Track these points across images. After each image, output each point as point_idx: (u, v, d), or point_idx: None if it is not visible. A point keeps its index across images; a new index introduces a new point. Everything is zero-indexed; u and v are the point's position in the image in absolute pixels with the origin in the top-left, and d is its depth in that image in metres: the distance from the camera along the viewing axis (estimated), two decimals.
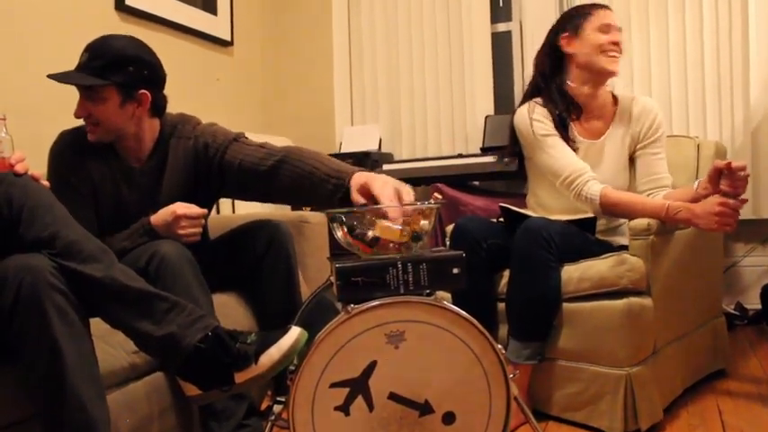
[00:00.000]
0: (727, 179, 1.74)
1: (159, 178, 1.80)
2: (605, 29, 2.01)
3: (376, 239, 1.31)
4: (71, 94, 1.83)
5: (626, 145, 2.07)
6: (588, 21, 2.02)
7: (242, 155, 1.79)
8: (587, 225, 1.97)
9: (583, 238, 1.93)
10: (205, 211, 1.74)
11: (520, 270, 1.84)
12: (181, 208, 1.69)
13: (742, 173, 1.72)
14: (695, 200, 1.84)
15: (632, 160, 2.07)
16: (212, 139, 1.83)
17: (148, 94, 1.72)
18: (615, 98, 2.12)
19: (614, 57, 2.00)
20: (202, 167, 1.83)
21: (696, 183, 1.86)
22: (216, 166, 1.81)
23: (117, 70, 1.66)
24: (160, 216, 1.70)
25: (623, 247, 1.95)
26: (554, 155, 2.01)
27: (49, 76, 1.65)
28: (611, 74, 2.03)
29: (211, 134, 1.85)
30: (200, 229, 1.71)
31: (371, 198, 1.51)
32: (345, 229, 1.32)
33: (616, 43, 2.00)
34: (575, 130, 2.07)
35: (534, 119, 2.04)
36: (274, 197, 1.82)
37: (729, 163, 1.72)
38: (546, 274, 1.82)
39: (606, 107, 2.09)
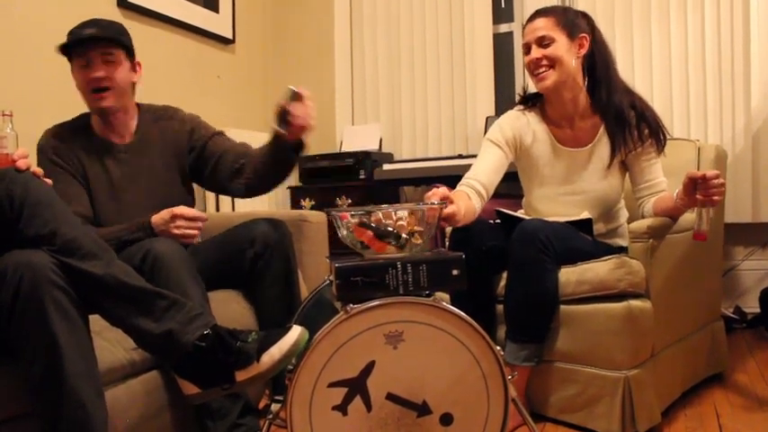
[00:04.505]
0: (701, 188, 1.70)
1: (143, 154, 1.90)
2: (525, 49, 1.95)
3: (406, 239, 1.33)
4: (72, 93, 1.84)
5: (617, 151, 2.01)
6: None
7: (224, 148, 1.94)
8: (585, 227, 1.97)
9: (581, 239, 1.93)
10: (204, 215, 1.76)
11: (516, 272, 1.84)
12: (179, 208, 1.72)
13: (716, 181, 1.67)
14: (675, 209, 1.84)
15: (627, 166, 2.05)
16: (197, 126, 2.00)
17: (140, 64, 1.90)
18: None
19: (539, 74, 1.91)
20: (184, 149, 1.95)
21: (675, 192, 1.83)
22: (197, 150, 1.96)
23: (124, 37, 1.85)
24: (160, 215, 1.73)
25: (622, 249, 1.95)
26: (476, 159, 2.02)
27: (77, 40, 1.77)
28: (544, 90, 1.96)
29: (197, 123, 2.01)
30: (196, 232, 1.73)
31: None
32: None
33: (536, 61, 1.91)
34: (556, 139, 2.03)
35: (498, 123, 2.06)
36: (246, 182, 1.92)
37: (704, 175, 1.68)
38: (542, 276, 1.82)
39: (585, 114, 2.00)
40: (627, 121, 1.94)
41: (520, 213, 2.12)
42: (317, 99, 3.84)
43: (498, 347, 1.32)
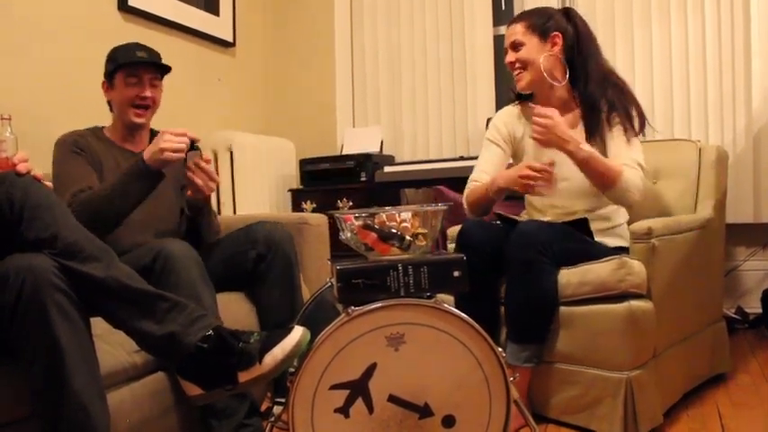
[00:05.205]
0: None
1: None
2: (506, 52, 2.07)
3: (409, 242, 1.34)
4: (73, 95, 1.84)
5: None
6: None
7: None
8: (582, 228, 1.97)
9: (579, 239, 1.94)
10: (186, 130, 1.76)
11: (514, 273, 1.85)
12: (167, 129, 1.75)
13: (537, 119, 1.85)
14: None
15: None
16: None
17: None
18: None
19: (516, 76, 2.05)
20: (182, 170, 1.97)
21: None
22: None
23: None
24: (150, 144, 1.76)
25: (621, 249, 1.95)
26: (479, 159, 2.16)
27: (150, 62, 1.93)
28: (522, 90, 2.08)
29: None
30: (183, 146, 1.73)
31: None
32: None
33: (511, 64, 2.04)
34: None
35: (493, 122, 2.19)
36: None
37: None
38: (540, 277, 1.82)
39: (568, 105, 2.05)
40: (599, 111, 1.98)
41: (523, 215, 2.15)
42: (317, 102, 3.88)
43: (500, 349, 1.32)
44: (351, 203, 3.29)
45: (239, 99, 3.65)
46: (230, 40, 3.52)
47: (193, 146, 1.76)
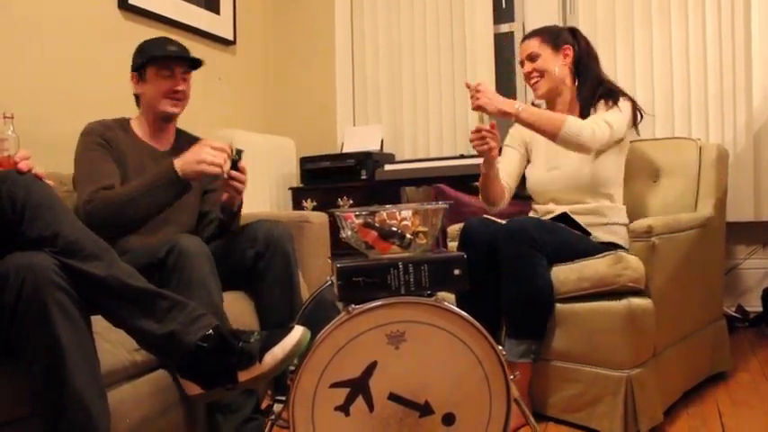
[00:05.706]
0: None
1: None
2: (521, 65, 2.27)
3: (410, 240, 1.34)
4: (73, 95, 1.84)
5: None
6: None
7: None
8: (568, 224, 2.02)
9: (571, 235, 1.97)
10: (226, 146, 1.75)
11: (506, 269, 1.87)
12: (206, 141, 1.75)
13: (472, 90, 2.03)
14: None
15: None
16: None
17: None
18: None
19: (533, 85, 2.23)
20: None
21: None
22: (205, 182, 2.05)
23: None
24: (185, 154, 1.73)
25: (613, 245, 1.98)
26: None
27: (180, 57, 1.99)
28: (540, 98, 2.26)
29: None
30: (220, 160, 1.70)
31: None
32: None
33: (527, 74, 2.24)
34: None
35: (509, 129, 2.37)
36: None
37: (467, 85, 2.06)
38: (532, 271, 1.84)
39: (572, 108, 2.20)
40: (590, 108, 2.14)
41: (532, 215, 2.24)
42: (317, 100, 3.88)
43: (500, 347, 1.32)
44: (351, 202, 3.29)
45: (240, 97, 3.65)
46: (231, 38, 3.51)
47: (239, 156, 1.78)
